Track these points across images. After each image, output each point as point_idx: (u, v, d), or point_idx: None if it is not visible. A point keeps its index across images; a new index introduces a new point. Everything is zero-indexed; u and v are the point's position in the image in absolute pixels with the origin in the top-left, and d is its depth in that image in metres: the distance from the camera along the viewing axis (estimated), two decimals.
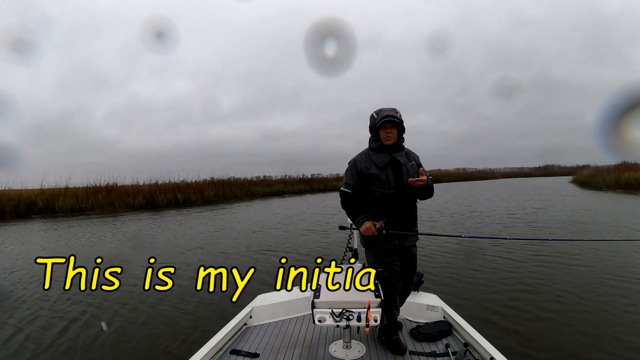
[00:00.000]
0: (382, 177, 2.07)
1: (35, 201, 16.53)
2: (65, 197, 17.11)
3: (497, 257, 5.87)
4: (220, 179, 24.81)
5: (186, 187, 21.44)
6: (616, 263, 5.36)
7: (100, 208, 17.15)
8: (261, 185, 27.83)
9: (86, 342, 3.34)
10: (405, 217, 2.10)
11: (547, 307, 3.81)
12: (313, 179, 35.73)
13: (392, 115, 2.04)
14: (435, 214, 11.85)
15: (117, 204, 17.61)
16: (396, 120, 2.04)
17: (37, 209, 16.29)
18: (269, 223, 11.46)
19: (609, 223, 9.19)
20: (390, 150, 2.10)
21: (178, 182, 22.04)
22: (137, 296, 4.57)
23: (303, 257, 6.52)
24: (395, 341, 2.11)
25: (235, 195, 23.31)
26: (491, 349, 1.92)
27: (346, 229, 2.76)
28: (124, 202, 17.84)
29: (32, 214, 15.97)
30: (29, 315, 4.05)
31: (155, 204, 18.52)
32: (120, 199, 17.97)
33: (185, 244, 8.11)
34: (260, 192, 26.26)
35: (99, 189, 18.74)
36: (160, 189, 19.86)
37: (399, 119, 2.06)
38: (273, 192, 27.75)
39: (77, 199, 17.22)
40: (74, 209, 16.72)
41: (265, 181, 30.73)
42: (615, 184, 21.43)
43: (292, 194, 28.53)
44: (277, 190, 28.57)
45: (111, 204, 17.51)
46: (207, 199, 20.85)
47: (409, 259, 2.19)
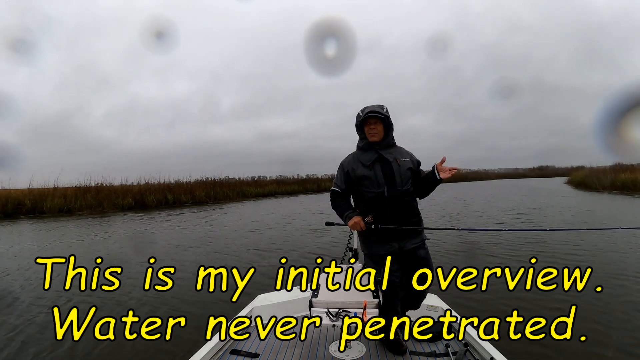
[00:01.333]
0: (370, 176, 1.98)
1: (23, 201, 16.41)
2: (53, 197, 16.94)
3: (497, 257, 5.92)
4: (211, 179, 24.71)
5: (177, 187, 21.32)
6: (615, 256, 5.44)
7: (88, 208, 16.96)
8: (254, 186, 27.75)
9: (86, 342, 3.33)
10: (401, 217, 1.97)
11: (548, 307, 3.83)
12: (307, 180, 35.82)
13: (376, 110, 1.97)
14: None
15: (106, 205, 17.43)
16: (379, 115, 1.97)
17: (25, 209, 16.22)
18: (263, 223, 11.45)
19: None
20: (377, 147, 2.02)
21: (168, 183, 21.90)
22: (137, 297, 4.58)
23: (302, 257, 6.53)
24: (395, 341, 2.10)
25: (227, 195, 23.23)
26: (491, 349, 1.92)
27: (334, 225, 2.75)
28: (112, 202, 17.67)
29: (19, 215, 15.90)
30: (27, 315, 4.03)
31: (144, 205, 18.39)
32: (109, 199, 17.79)
33: (179, 244, 8.08)
34: (253, 192, 26.23)
35: (88, 189, 18.53)
36: (150, 190, 19.72)
37: (382, 114, 1.98)
38: (266, 192, 27.76)
39: (65, 199, 17.03)
40: (62, 209, 16.52)
41: (257, 182, 30.66)
42: (612, 185, 21.36)
43: (286, 195, 28.56)
44: (270, 190, 28.60)
45: (100, 205, 17.34)
46: (197, 199, 20.74)
47: (414, 262, 2.05)
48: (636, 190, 19.49)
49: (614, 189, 20.91)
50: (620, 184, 20.98)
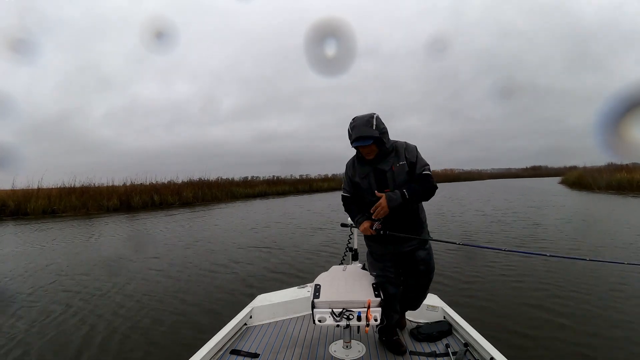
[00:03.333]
0: (364, 186, 2.04)
1: (7, 202, 16.42)
2: (37, 198, 16.96)
3: (497, 257, 6.02)
4: (199, 180, 24.73)
5: (163, 188, 21.36)
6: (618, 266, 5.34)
7: (73, 210, 17.05)
8: (243, 186, 27.76)
9: (84, 344, 3.38)
10: (399, 222, 1.99)
11: (548, 307, 3.90)
12: (299, 180, 35.83)
13: (363, 137, 1.87)
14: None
15: (91, 206, 17.50)
16: (368, 142, 1.89)
17: (9, 210, 16.22)
18: (254, 221, 11.55)
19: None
20: (372, 163, 2.02)
21: (155, 183, 21.98)
22: (137, 296, 4.68)
23: (302, 256, 6.66)
24: (395, 341, 2.13)
25: (216, 196, 23.31)
26: (491, 349, 1.93)
27: (347, 227, 2.79)
28: (98, 203, 17.74)
29: (3, 216, 15.86)
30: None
31: (130, 206, 18.45)
32: (95, 200, 17.85)
33: (172, 243, 8.22)
34: (242, 193, 26.25)
35: (72, 189, 18.55)
36: (136, 190, 19.75)
37: (372, 137, 1.88)
38: (256, 193, 27.78)
39: (50, 201, 17.05)
40: (46, 210, 16.57)
41: (247, 182, 30.66)
42: (607, 185, 21.18)
43: (277, 196, 28.55)
44: (261, 191, 28.62)
45: (84, 206, 17.40)
46: (185, 200, 20.78)
47: (413, 263, 2.09)
48: (632, 190, 19.39)
49: (609, 189, 20.75)
50: (616, 184, 20.74)
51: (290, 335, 2.38)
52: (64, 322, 3.91)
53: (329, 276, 2.15)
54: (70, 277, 5.71)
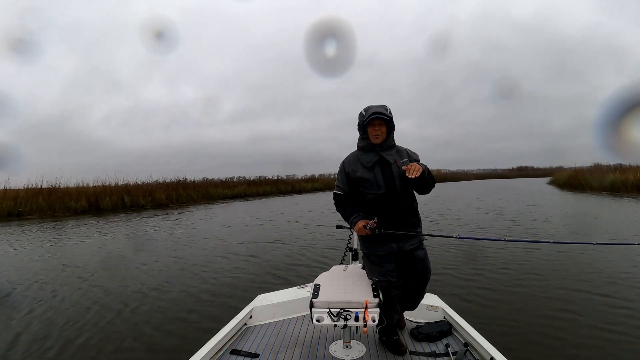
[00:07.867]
0: (370, 178, 2.05)
1: None
2: (3, 199, 16.92)
3: (496, 256, 6.09)
4: (175, 180, 24.68)
5: (135, 189, 21.26)
6: (624, 263, 5.40)
7: (39, 212, 17.02)
8: (221, 187, 27.54)
9: (83, 344, 3.45)
10: (400, 218, 2.06)
11: (548, 307, 3.95)
12: (279, 180, 35.87)
13: (380, 112, 2.01)
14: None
15: (58, 208, 17.43)
16: (385, 117, 2.02)
17: None
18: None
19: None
20: (378, 149, 2.08)
21: (127, 184, 21.86)
22: (136, 297, 4.81)
23: (302, 257, 6.82)
24: (395, 341, 2.17)
25: (191, 197, 23.25)
26: (491, 349, 1.96)
27: (343, 228, 2.79)
28: (65, 205, 17.65)
29: None
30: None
31: (99, 208, 18.39)
32: (62, 201, 17.76)
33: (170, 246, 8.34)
34: (220, 194, 26.10)
35: (40, 190, 18.45)
36: (106, 191, 19.72)
37: (388, 116, 2.03)
38: (234, 194, 27.60)
39: (16, 202, 16.99)
40: (12, 213, 16.50)
41: (225, 182, 30.52)
42: (601, 186, 20.82)
43: (257, 197, 28.45)
44: (239, 192, 28.44)
45: (51, 207, 17.36)
46: (158, 202, 20.70)
47: (412, 263, 2.13)
48: (627, 191, 19.14)
49: (603, 190, 20.44)
50: (609, 185, 20.32)
51: (290, 335, 2.42)
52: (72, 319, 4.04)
53: (329, 276, 2.20)
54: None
